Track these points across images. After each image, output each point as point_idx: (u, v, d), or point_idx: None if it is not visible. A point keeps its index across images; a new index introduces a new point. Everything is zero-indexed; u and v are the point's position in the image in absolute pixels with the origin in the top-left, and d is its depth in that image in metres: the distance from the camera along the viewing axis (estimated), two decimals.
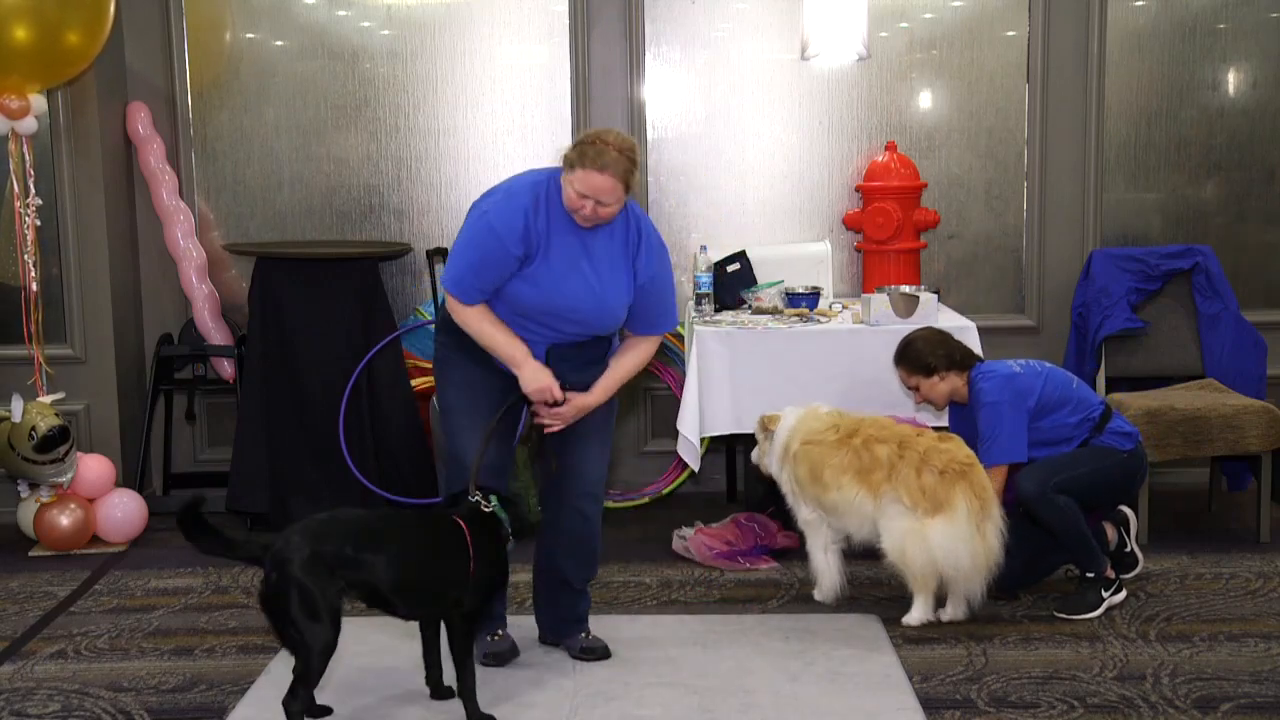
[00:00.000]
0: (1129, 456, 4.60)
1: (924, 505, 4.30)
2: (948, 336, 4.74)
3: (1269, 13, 5.95)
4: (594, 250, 3.92)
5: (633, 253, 3.95)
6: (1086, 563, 4.52)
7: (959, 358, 4.66)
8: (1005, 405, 4.51)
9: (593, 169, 3.75)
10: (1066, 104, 5.97)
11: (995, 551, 4.34)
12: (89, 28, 5.12)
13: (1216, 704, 3.78)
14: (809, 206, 6.04)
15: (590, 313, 3.94)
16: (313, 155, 6.03)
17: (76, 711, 3.87)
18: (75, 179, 5.69)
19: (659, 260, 4.00)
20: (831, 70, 5.96)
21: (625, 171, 3.78)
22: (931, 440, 4.40)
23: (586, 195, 3.78)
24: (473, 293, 3.91)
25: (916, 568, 4.34)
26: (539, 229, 3.85)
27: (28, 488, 5.43)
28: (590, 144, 3.79)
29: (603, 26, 5.94)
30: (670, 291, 4.08)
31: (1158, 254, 5.83)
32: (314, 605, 3.45)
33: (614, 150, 3.77)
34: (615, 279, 3.93)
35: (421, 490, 5.61)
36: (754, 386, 5.10)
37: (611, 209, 3.83)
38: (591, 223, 3.86)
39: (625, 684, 3.93)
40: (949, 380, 4.65)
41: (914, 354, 4.68)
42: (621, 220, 3.94)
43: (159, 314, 6.08)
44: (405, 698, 3.91)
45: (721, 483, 6.02)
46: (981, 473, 4.37)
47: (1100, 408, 4.63)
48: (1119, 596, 4.57)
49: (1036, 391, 4.55)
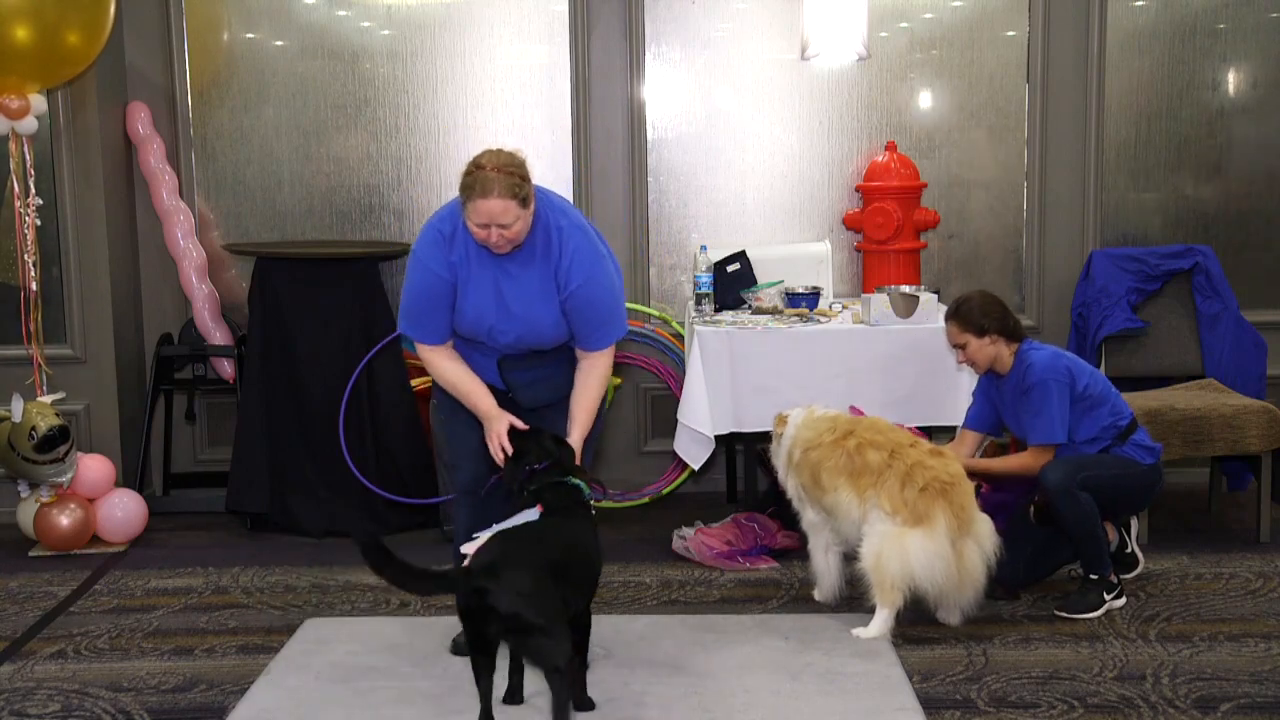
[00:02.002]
0: (1149, 470, 4.60)
1: (904, 515, 4.25)
2: (1004, 304, 4.68)
3: (1269, 13, 5.95)
4: (513, 273, 3.88)
5: (554, 267, 3.88)
6: (1094, 563, 4.51)
7: (1011, 326, 4.62)
8: (1054, 384, 4.49)
9: (478, 198, 3.71)
10: (1066, 104, 5.97)
11: (976, 569, 4.28)
12: (89, 28, 5.12)
13: (1216, 704, 3.78)
14: (809, 206, 6.04)
15: (519, 334, 3.93)
16: (313, 155, 6.03)
17: (76, 711, 3.87)
18: (75, 179, 5.69)
19: (586, 270, 3.87)
20: (831, 70, 5.96)
21: (511, 188, 3.70)
22: (923, 453, 4.35)
23: (484, 224, 3.74)
24: (427, 331, 3.95)
25: (887, 576, 4.25)
26: (459, 256, 3.86)
27: (28, 488, 5.43)
28: (469, 174, 3.75)
29: (603, 26, 5.94)
30: (608, 300, 3.94)
31: (1158, 254, 5.83)
32: (552, 626, 3.41)
33: (492, 171, 3.70)
34: (536, 298, 3.89)
35: (421, 490, 5.61)
36: (754, 386, 5.11)
37: (516, 227, 3.76)
38: (504, 248, 3.80)
39: (625, 684, 3.93)
40: (997, 345, 4.61)
41: (968, 311, 4.62)
42: (542, 238, 3.87)
43: (159, 314, 6.08)
44: (405, 697, 3.91)
45: (721, 483, 6.02)
46: (963, 491, 4.30)
47: (1129, 418, 4.61)
48: (1120, 601, 4.56)
49: (1085, 378, 4.55)
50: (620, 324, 4.02)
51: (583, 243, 3.90)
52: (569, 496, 3.82)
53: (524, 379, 4.03)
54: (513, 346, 3.97)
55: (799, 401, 4.80)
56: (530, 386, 4.03)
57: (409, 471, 5.65)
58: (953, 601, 4.34)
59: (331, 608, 4.70)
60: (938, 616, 4.40)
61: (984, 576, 4.32)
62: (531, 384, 4.03)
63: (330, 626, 4.48)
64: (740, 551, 5.09)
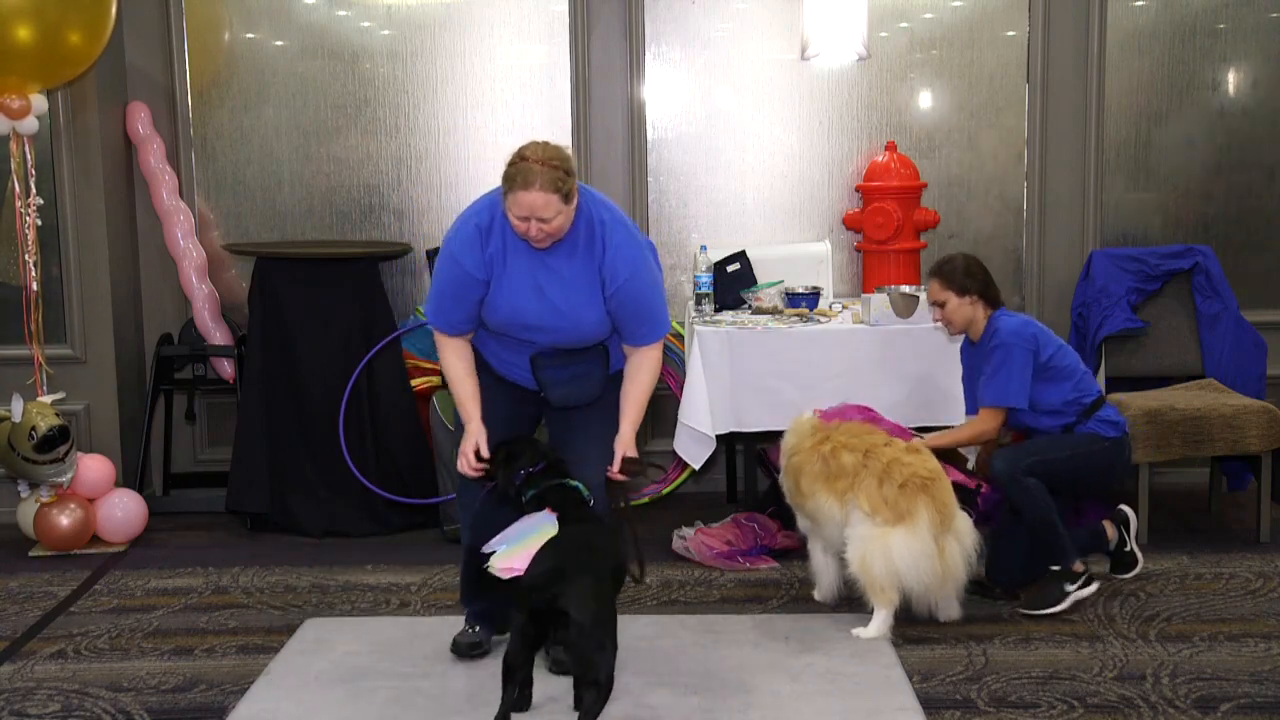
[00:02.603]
0: (1111, 445, 4.56)
1: (885, 514, 4.25)
2: (986, 268, 4.69)
3: (1269, 13, 5.95)
4: (555, 267, 3.81)
5: (598, 263, 3.81)
6: (1054, 553, 4.49)
7: (991, 293, 4.62)
8: (1017, 349, 4.48)
9: (519, 189, 3.64)
10: (1066, 104, 5.97)
11: (957, 566, 4.27)
12: (90, 28, 5.12)
13: (1216, 704, 3.78)
14: (809, 206, 6.04)
15: (559, 330, 3.87)
16: (313, 155, 6.04)
17: (76, 711, 3.87)
18: (75, 179, 5.69)
19: (629, 266, 3.81)
20: (831, 70, 5.96)
21: (554, 180, 3.63)
22: (898, 451, 4.34)
23: (525, 216, 3.67)
24: (451, 323, 3.91)
25: (875, 577, 4.25)
26: (495, 249, 3.80)
27: (28, 488, 5.42)
28: (512, 165, 3.69)
29: (603, 26, 5.94)
30: (652, 295, 3.89)
31: (1158, 254, 5.83)
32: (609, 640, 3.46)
33: (535, 164, 3.64)
34: (580, 294, 3.82)
35: (421, 490, 5.61)
36: (754, 386, 5.11)
37: (557, 222, 3.69)
38: (544, 242, 3.74)
39: (625, 684, 3.92)
40: (975, 307, 4.60)
41: (952, 270, 4.63)
42: (585, 231, 3.80)
43: (159, 314, 6.08)
44: (405, 697, 3.91)
45: (721, 483, 6.02)
46: (943, 487, 4.29)
47: (1095, 395, 4.60)
48: (1086, 591, 4.49)
49: (1051, 349, 4.54)
50: (665, 318, 3.95)
51: (626, 237, 3.83)
52: (577, 500, 3.82)
53: (557, 377, 3.94)
54: (550, 340, 3.89)
55: (798, 401, 4.80)
56: (563, 385, 3.95)
57: (409, 471, 5.65)
58: (935, 598, 4.32)
59: (331, 608, 4.70)
60: (937, 616, 4.39)
61: (965, 572, 4.31)
62: (564, 383, 3.95)
63: (330, 626, 4.48)
64: (740, 551, 5.09)
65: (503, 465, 3.88)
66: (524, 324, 3.87)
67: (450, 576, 4.90)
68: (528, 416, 4.12)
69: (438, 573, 5.01)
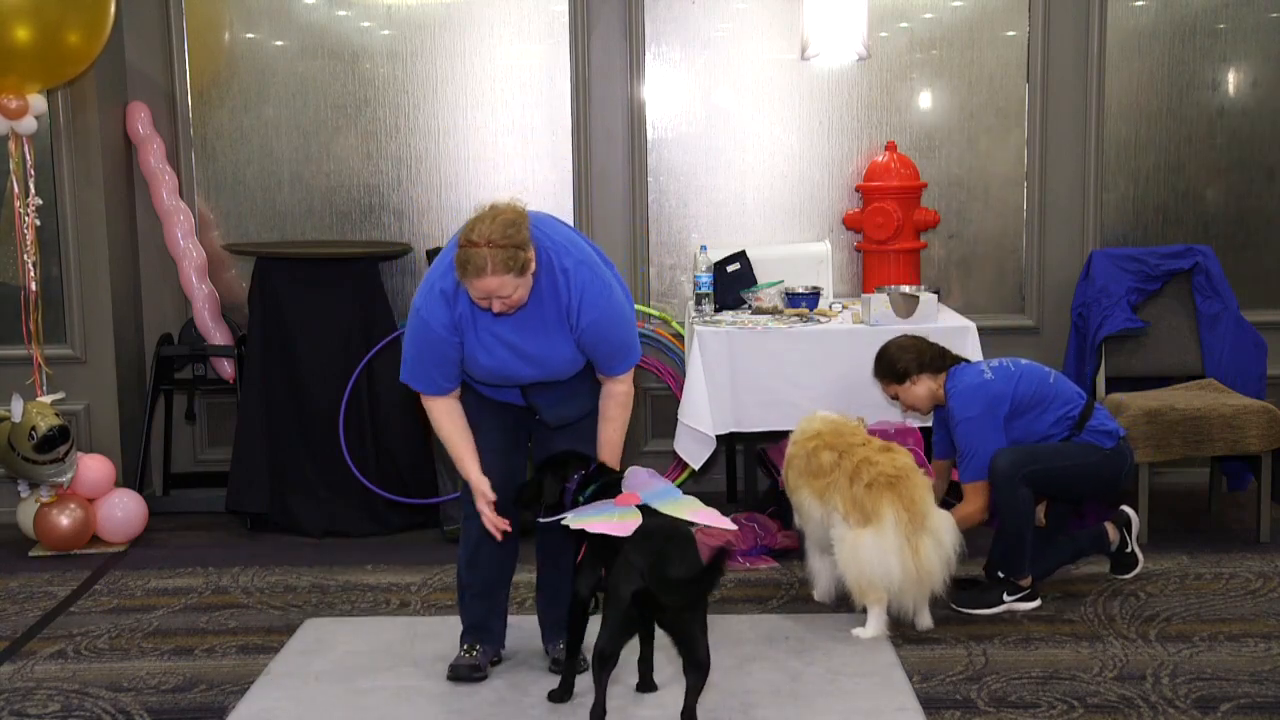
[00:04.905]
0: (1111, 455, 4.56)
1: (855, 516, 4.25)
2: (919, 340, 4.70)
3: (1269, 13, 5.95)
4: (522, 319, 3.78)
5: (564, 309, 3.77)
6: (1006, 561, 4.49)
7: (929, 359, 4.63)
8: (976, 420, 4.47)
9: (473, 278, 3.60)
10: (1066, 104, 5.97)
11: (931, 564, 4.23)
12: (89, 28, 5.12)
13: (1216, 704, 3.78)
14: (809, 206, 6.04)
15: (537, 373, 3.86)
16: (313, 155, 6.04)
17: (76, 711, 3.87)
18: (75, 179, 5.69)
19: (595, 308, 3.76)
20: (831, 70, 5.96)
21: (506, 261, 3.57)
22: (871, 450, 4.33)
23: (483, 297, 3.65)
24: (435, 383, 3.87)
25: (854, 579, 4.26)
26: (463, 309, 3.76)
27: (28, 488, 5.43)
28: (461, 250, 3.61)
29: (603, 26, 5.94)
30: (622, 330, 3.85)
31: (1158, 254, 5.83)
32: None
33: (484, 248, 3.56)
34: (552, 338, 3.80)
35: (421, 490, 5.61)
36: (754, 386, 5.11)
37: (518, 295, 3.65)
38: (509, 311, 3.71)
39: (625, 684, 3.92)
40: (923, 383, 4.63)
41: (884, 361, 4.69)
42: (547, 280, 3.75)
43: (159, 314, 6.08)
44: (405, 697, 3.91)
45: (721, 483, 6.02)
46: (913, 484, 4.26)
47: (1080, 403, 4.59)
48: (1026, 606, 4.50)
49: (1009, 396, 4.51)
50: (636, 349, 3.94)
51: (590, 278, 3.78)
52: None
53: (548, 400, 3.95)
54: (533, 378, 3.89)
55: (798, 401, 4.80)
56: (555, 406, 3.96)
57: (409, 471, 5.65)
58: (911, 600, 4.27)
59: (331, 608, 4.70)
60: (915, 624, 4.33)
61: (943, 573, 4.27)
62: (556, 403, 3.96)
63: (330, 626, 4.48)
64: (740, 552, 5.09)
65: (550, 477, 3.88)
66: (504, 375, 3.87)
67: (450, 576, 4.89)
68: (521, 444, 4.11)
69: (438, 573, 5.01)
